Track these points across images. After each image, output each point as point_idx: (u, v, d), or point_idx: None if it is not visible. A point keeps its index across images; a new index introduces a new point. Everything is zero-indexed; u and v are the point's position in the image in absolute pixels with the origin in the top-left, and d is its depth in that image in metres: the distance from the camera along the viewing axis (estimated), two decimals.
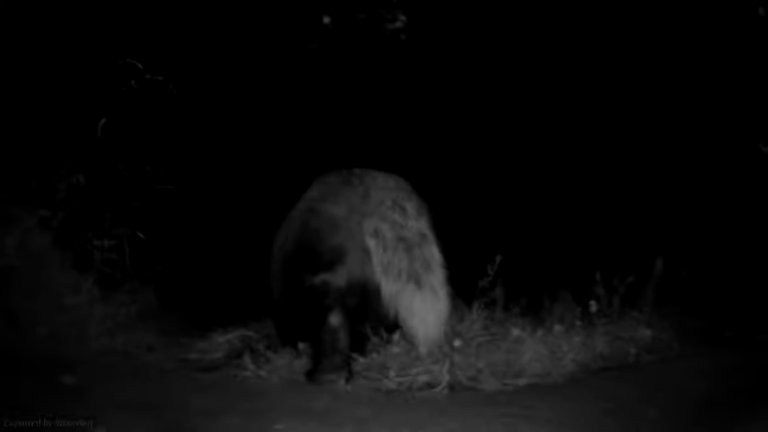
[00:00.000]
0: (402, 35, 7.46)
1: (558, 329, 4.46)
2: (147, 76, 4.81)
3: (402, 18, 7.49)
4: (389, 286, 4.09)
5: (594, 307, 4.62)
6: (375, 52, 7.33)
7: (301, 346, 4.38)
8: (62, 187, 4.50)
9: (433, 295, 4.10)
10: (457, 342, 4.08)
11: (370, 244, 4.16)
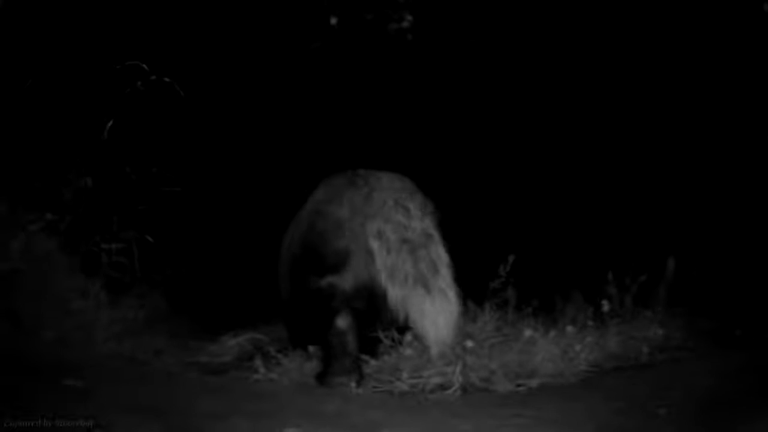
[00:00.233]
0: (409, 35, 7.45)
1: (570, 330, 4.44)
2: (153, 78, 4.79)
3: (408, 18, 7.48)
4: (396, 290, 4.06)
5: (606, 307, 4.62)
6: (381, 53, 7.31)
7: (312, 349, 4.36)
8: (69, 191, 4.50)
9: (443, 297, 4.07)
10: (470, 343, 4.06)
11: (374, 246, 4.13)
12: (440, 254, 4.17)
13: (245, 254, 6.31)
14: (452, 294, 4.08)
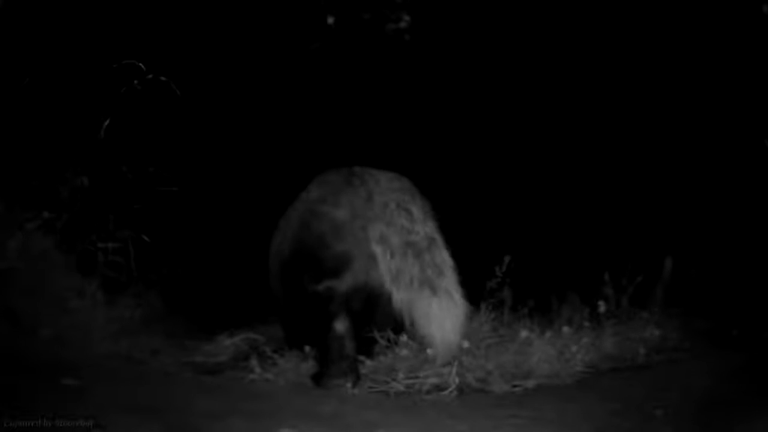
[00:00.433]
0: (406, 35, 7.45)
1: (567, 330, 4.44)
2: (150, 77, 4.78)
3: (406, 18, 7.48)
4: (401, 294, 4.02)
5: (602, 308, 4.61)
6: (379, 53, 7.31)
7: (308, 349, 4.34)
8: (66, 189, 4.48)
9: (449, 300, 4.03)
10: (466, 344, 4.06)
11: (377, 251, 4.07)
12: (445, 258, 4.14)
13: (242, 254, 6.29)
14: (458, 297, 4.05)
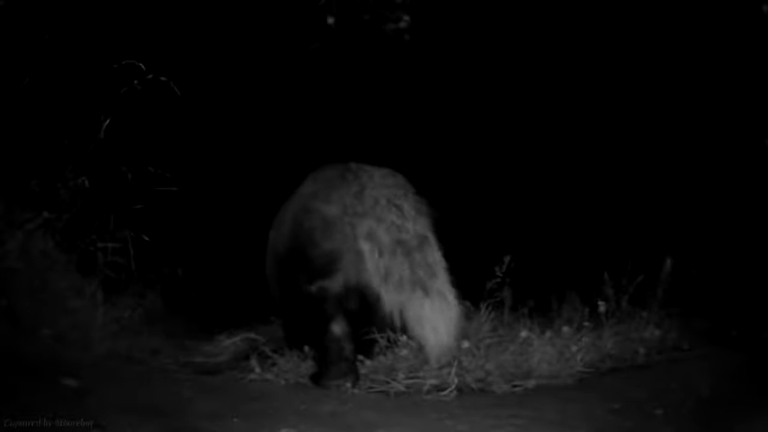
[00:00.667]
0: (406, 36, 7.43)
1: (566, 330, 4.44)
2: (149, 77, 4.78)
3: (406, 18, 7.46)
4: (391, 295, 3.97)
5: (602, 308, 4.61)
6: (379, 53, 7.30)
7: (307, 349, 4.33)
8: (66, 189, 4.48)
9: (442, 302, 3.98)
10: (466, 344, 4.06)
11: (364, 248, 4.00)
12: (436, 258, 4.06)
13: (241, 254, 6.29)
14: (451, 298, 4.00)
